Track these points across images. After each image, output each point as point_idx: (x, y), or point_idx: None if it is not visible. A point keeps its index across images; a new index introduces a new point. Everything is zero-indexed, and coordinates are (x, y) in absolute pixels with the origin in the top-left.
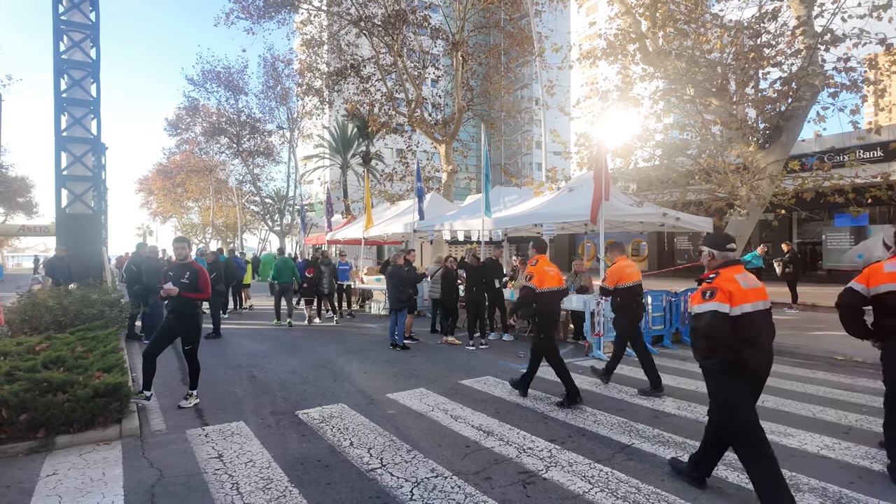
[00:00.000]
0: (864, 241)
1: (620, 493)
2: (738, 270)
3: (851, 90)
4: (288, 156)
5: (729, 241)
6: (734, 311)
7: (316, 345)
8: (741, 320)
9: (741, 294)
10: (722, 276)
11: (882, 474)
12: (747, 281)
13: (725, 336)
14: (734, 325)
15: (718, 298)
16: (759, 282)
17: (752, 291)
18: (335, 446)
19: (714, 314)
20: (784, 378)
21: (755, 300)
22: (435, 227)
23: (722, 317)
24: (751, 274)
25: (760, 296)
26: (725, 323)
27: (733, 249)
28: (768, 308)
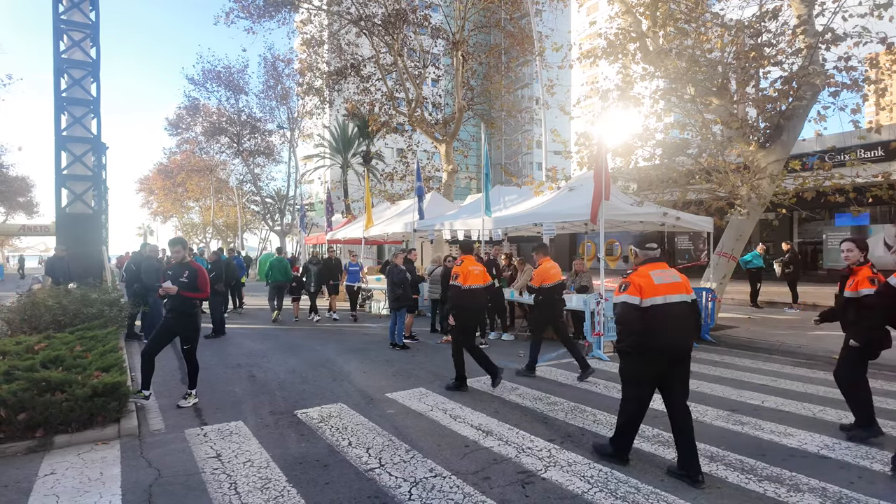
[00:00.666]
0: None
1: (619, 493)
2: (655, 267)
3: (852, 89)
4: (288, 155)
5: (649, 242)
6: (644, 303)
7: (315, 344)
8: (650, 311)
9: (652, 288)
10: (637, 273)
11: (882, 474)
12: (663, 277)
13: (634, 323)
14: (644, 315)
15: (630, 291)
16: (678, 277)
17: (664, 286)
18: (334, 446)
19: (625, 304)
20: (785, 378)
21: (666, 293)
22: (435, 227)
23: (632, 307)
24: (672, 270)
25: (674, 290)
26: (635, 312)
27: (653, 249)
28: (684, 301)
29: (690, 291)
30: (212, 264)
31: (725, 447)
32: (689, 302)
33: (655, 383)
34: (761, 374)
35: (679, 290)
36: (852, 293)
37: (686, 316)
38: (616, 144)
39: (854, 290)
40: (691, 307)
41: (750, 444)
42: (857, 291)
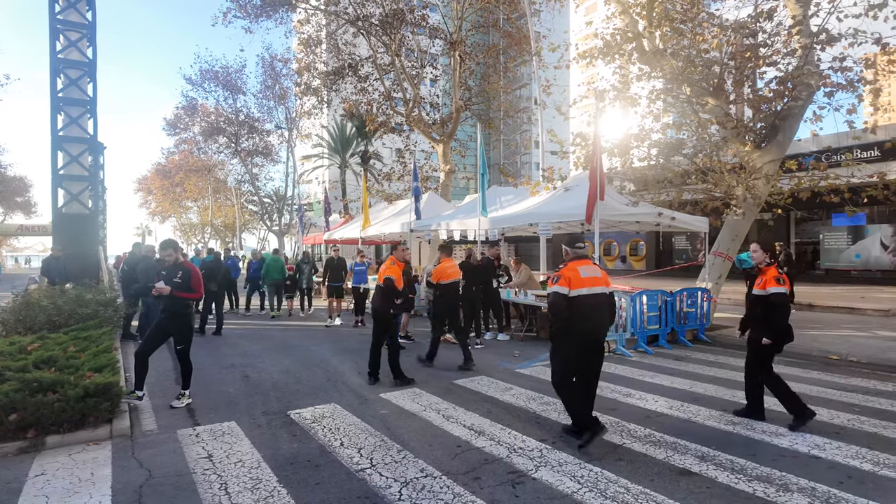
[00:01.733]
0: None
1: (609, 493)
2: (583, 263)
3: (847, 90)
4: (286, 155)
5: (578, 242)
6: (572, 293)
7: (311, 344)
8: (576, 300)
9: (578, 281)
10: (567, 267)
11: (871, 474)
12: (587, 271)
13: (563, 310)
14: (571, 304)
15: (560, 283)
16: (599, 273)
17: (588, 279)
18: (326, 446)
19: (556, 294)
20: None
21: (591, 286)
22: (431, 227)
23: (562, 297)
24: (595, 266)
25: (596, 283)
26: (564, 300)
27: (582, 248)
28: (605, 292)
29: (609, 284)
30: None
31: (716, 447)
32: (607, 293)
33: (582, 362)
34: None
35: (600, 283)
36: (761, 291)
37: (604, 304)
38: (612, 144)
39: (763, 289)
40: (609, 298)
41: (740, 444)
42: (765, 290)
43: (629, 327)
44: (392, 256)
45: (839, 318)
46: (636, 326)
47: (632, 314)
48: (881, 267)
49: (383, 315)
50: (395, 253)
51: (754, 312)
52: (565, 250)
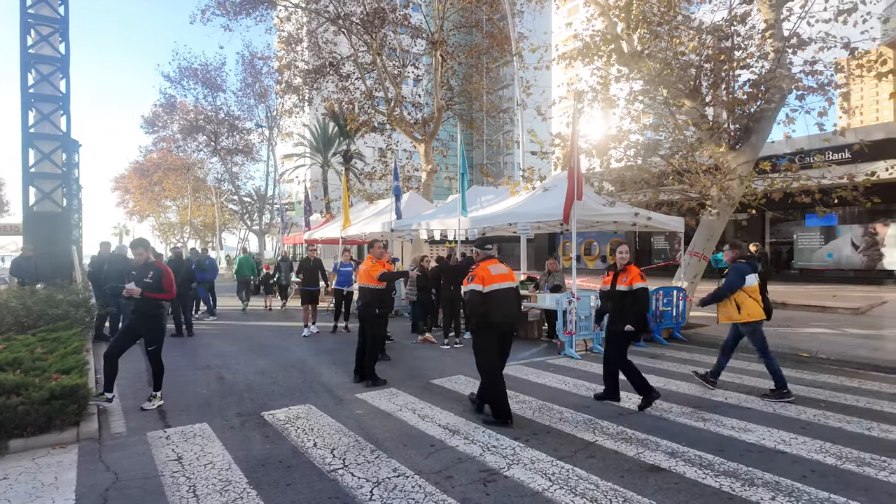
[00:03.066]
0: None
1: (579, 490)
2: (492, 263)
3: (818, 93)
4: (267, 154)
5: (487, 244)
6: (486, 289)
7: (288, 345)
8: (490, 295)
9: (490, 278)
10: (480, 267)
11: (834, 467)
12: (497, 269)
13: (479, 305)
14: (486, 298)
15: (475, 282)
16: (506, 270)
17: (499, 276)
18: (298, 447)
19: (473, 291)
20: (749, 375)
21: (501, 282)
22: (412, 227)
23: (477, 293)
24: (502, 265)
25: (505, 279)
26: (480, 297)
27: (489, 249)
28: (513, 287)
29: (515, 280)
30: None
31: (686, 443)
32: (514, 288)
33: (497, 351)
34: (727, 371)
35: (507, 279)
36: (627, 287)
37: (512, 297)
38: (591, 145)
39: (629, 285)
40: (514, 291)
41: (709, 440)
42: (631, 286)
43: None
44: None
45: (811, 316)
46: None
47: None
48: (853, 266)
49: (370, 316)
50: (372, 250)
51: (623, 305)
52: (475, 252)
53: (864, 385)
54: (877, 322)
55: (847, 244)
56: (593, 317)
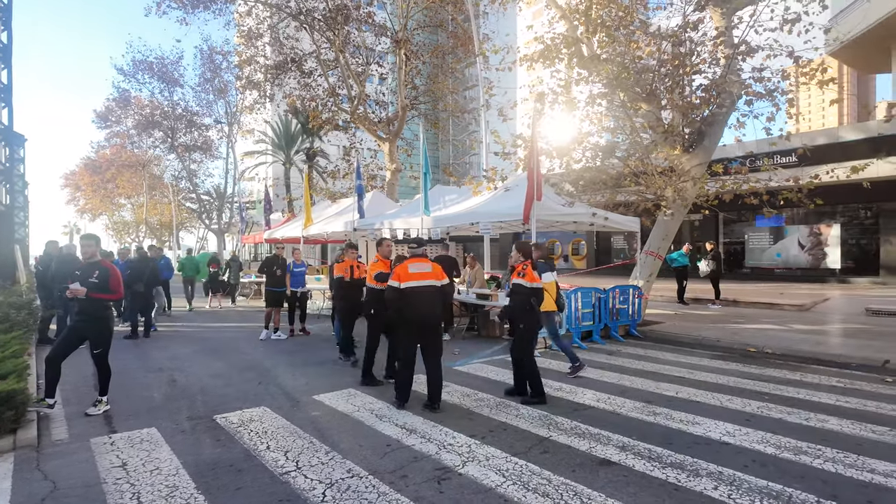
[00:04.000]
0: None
1: (531, 486)
2: (415, 261)
3: (766, 98)
4: (226, 151)
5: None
6: (402, 286)
7: (246, 346)
8: (406, 291)
9: (407, 276)
10: (401, 265)
11: (773, 457)
12: (416, 267)
13: (394, 300)
14: (401, 294)
15: (393, 278)
16: (429, 268)
17: (417, 275)
18: (251, 450)
19: (390, 287)
20: (700, 370)
21: (419, 280)
22: (375, 226)
23: (394, 289)
24: (427, 262)
25: (424, 277)
26: (396, 292)
27: (415, 248)
28: (434, 285)
29: (440, 278)
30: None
31: (637, 437)
32: (437, 286)
33: (415, 345)
34: (680, 366)
35: (428, 277)
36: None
37: (433, 294)
38: (551, 146)
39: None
40: (439, 290)
41: (659, 434)
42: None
43: (564, 324)
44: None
45: (760, 312)
46: (571, 323)
47: (567, 311)
48: (799, 265)
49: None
50: (380, 249)
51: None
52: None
53: (805, 378)
54: (819, 318)
55: (794, 244)
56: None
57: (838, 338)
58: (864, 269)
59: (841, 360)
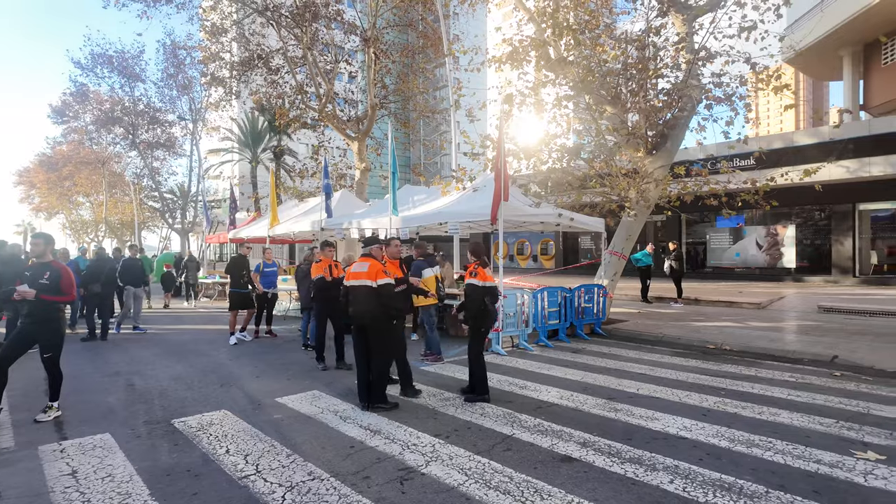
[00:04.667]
0: (742, 240)
1: (493, 483)
2: (361, 261)
3: (725, 103)
4: (191, 148)
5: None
6: (346, 283)
7: (209, 349)
8: (349, 289)
9: (349, 275)
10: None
11: (727, 450)
12: (357, 267)
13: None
14: (346, 292)
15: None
16: (366, 268)
17: (355, 274)
18: (209, 455)
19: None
20: (661, 367)
21: (356, 279)
22: (343, 226)
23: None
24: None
25: (359, 277)
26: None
27: (363, 247)
28: (366, 285)
29: (374, 279)
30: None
31: (598, 433)
32: (372, 286)
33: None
34: (642, 363)
35: (361, 277)
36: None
37: (367, 295)
38: (518, 147)
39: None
40: (374, 290)
41: (620, 430)
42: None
43: (531, 322)
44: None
45: (720, 310)
46: (538, 322)
47: (534, 310)
48: (757, 265)
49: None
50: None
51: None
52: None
53: (759, 373)
54: (775, 315)
55: (752, 244)
56: (521, 314)
57: (792, 334)
58: (817, 268)
59: (794, 356)
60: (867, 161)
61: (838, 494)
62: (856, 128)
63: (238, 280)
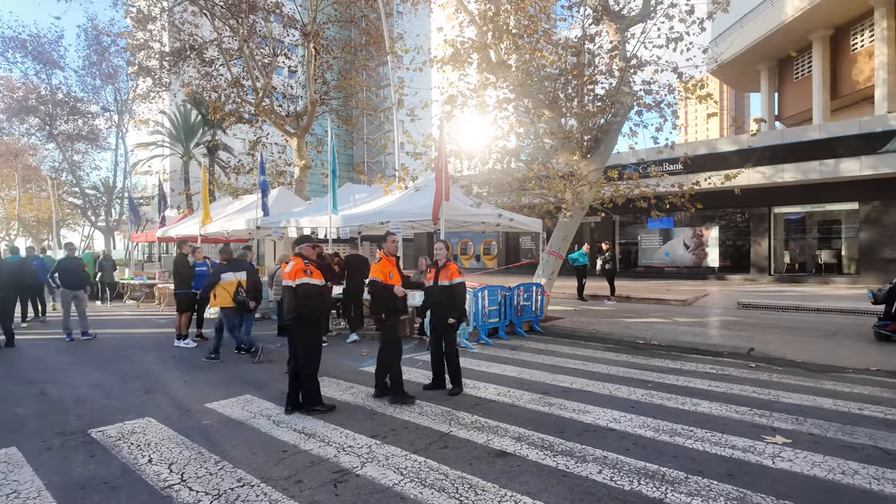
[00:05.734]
0: (670, 241)
1: (429, 482)
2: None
3: (654, 110)
4: (116, 142)
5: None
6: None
7: (134, 354)
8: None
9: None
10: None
11: (652, 440)
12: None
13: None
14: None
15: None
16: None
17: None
18: (130, 465)
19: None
20: (594, 362)
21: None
22: (280, 224)
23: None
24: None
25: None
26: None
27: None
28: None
29: (293, 279)
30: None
31: (532, 427)
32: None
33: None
34: (576, 359)
35: (286, 277)
36: (448, 282)
37: (289, 295)
38: (459, 148)
39: (450, 280)
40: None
41: (553, 423)
42: (451, 280)
43: (472, 321)
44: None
45: (650, 307)
46: (478, 320)
47: (474, 309)
48: (685, 264)
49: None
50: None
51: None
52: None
53: (684, 366)
54: (700, 312)
55: (680, 244)
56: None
57: (714, 329)
58: (737, 267)
59: (715, 349)
60: (781, 168)
61: (749, 476)
62: (771, 136)
63: (184, 281)
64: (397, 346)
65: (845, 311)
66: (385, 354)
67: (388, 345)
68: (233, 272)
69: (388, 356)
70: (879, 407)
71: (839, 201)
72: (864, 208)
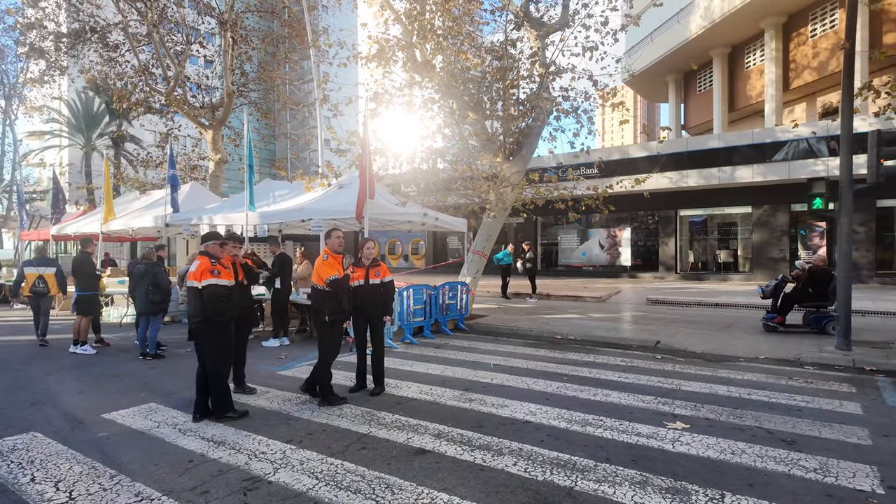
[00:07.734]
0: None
1: (345, 484)
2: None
3: (571, 115)
4: (3, 129)
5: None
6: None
7: (19, 362)
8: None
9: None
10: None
11: (565, 430)
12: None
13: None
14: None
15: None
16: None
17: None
18: (8, 485)
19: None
20: (514, 357)
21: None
22: (192, 221)
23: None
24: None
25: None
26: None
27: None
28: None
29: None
30: None
31: (452, 424)
32: (197, 287)
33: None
34: (497, 355)
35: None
36: (379, 280)
37: (194, 297)
38: (384, 146)
39: (381, 278)
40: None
41: (472, 419)
42: (383, 279)
43: (396, 320)
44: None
45: (567, 304)
46: (403, 319)
47: (399, 308)
48: (600, 263)
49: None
50: (329, 242)
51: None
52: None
53: (597, 359)
54: (613, 308)
55: (596, 244)
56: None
57: (625, 324)
58: (648, 265)
59: (625, 342)
60: (685, 174)
61: (650, 461)
62: (677, 144)
63: (87, 282)
64: (337, 350)
65: (740, 306)
66: (327, 359)
67: (330, 349)
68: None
69: (329, 361)
70: (765, 391)
71: (735, 205)
72: (756, 212)
